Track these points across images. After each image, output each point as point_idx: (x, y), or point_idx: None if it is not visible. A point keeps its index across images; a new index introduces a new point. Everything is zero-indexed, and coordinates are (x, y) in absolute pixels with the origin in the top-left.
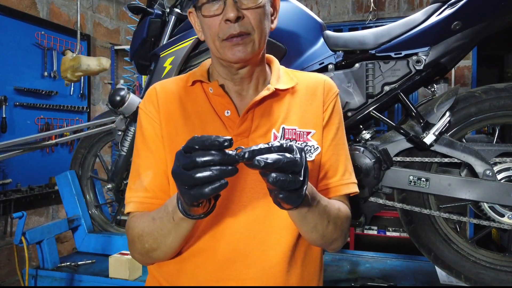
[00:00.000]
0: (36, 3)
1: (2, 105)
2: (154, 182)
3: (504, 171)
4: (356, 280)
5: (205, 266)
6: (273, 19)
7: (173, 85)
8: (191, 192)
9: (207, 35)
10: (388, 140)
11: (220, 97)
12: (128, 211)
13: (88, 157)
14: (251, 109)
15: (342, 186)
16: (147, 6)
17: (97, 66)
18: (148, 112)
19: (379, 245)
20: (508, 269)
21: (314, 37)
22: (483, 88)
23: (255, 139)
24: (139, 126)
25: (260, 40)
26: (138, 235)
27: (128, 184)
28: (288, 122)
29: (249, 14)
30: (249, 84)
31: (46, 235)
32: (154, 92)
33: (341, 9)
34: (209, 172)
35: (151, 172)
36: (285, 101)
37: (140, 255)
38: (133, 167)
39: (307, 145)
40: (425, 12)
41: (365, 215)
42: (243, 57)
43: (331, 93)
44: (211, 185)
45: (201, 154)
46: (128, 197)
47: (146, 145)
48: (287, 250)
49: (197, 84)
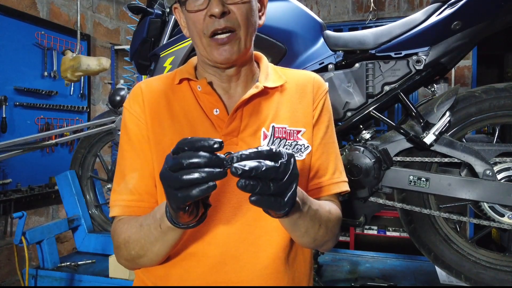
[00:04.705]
0: (36, 3)
1: (2, 105)
2: (140, 185)
3: (504, 171)
4: (356, 280)
5: (195, 270)
6: (260, 15)
7: (159, 83)
8: (177, 194)
9: (192, 31)
10: (388, 140)
11: (209, 95)
12: (113, 215)
13: (88, 157)
14: (239, 108)
15: (333, 185)
16: (147, 6)
17: (97, 66)
18: (134, 112)
19: (379, 245)
20: (508, 269)
21: (314, 37)
22: (483, 88)
23: (245, 138)
24: (124, 126)
25: (246, 37)
26: (124, 242)
27: (113, 187)
28: (278, 120)
29: (235, 9)
30: (237, 82)
31: (46, 235)
32: (140, 90)
33: (341, 9)
34: (196, 174)
35: (137, 174)
36: (274, 99)
37: (126, 261)
38: (118, 169)
39: (297, 144)
40: (425, 12)
41: (365, 215)
42: (230, 57)
43: (321, 90)
44: (199, 187)
45: (188, 155)
46: (113, 200)
47: (131, 146)
48: (278, 251)
49: (184, 82)
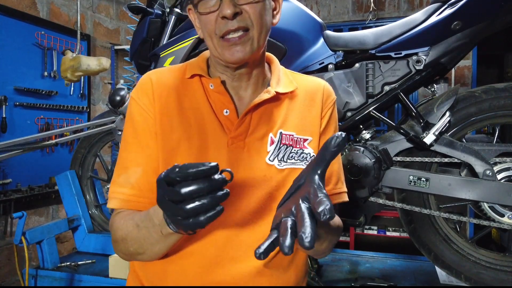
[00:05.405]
0: (36, 3)
1: (2, 105)
2: (142, 181)
3: (504, 171)
4: (356, 280)
5: (192, 269)
6: (275, 14)
7: (170, 75)
8: (186, 222)
9: (204, 32)
10: (388, 140)
11: (221, 94)
12: (112, 207)
13: (88, 157)
14: (249, 112)
15: (335, 196)
16: (147, 6)
17: (97, 66)
18: (142, 104)
19: (379, 245)
20: (508, 269)
21: (314, 37)
22: (483, 88)
23: (251, 142)
24: (130, 117)
25: (259, 37)
26: (122, 238)
27: (113, 178)
28: (286, 127)
29: (248, 8)
30: (248, 82)
31: (46, 235)
32: (150, 82)
33: (341, 9)
34: (200, 202)
35: (141, 169)
36: (284, 105)
37: (124, 255)
38: (120, 161)
39: (303, 152)
40: (425, 12)
41: (365, 215)
42: (242, 57)
43: (330, 99)
44: (207, 214)
45: (186, 184)
46: (112, 191)
47: (136, 139)
48: (273, 256)
49: (195, 78)
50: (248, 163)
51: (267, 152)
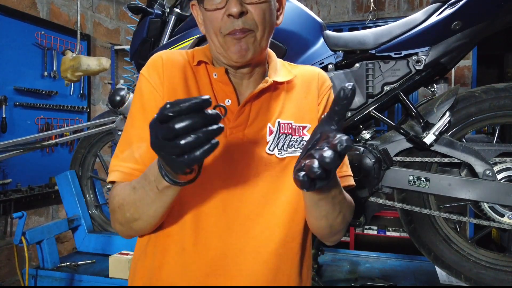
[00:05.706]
0: (36, 3)
1: (2, 105)
2: (147, 156)
3: (504, 171)
4: (356, 280)
5: (195, 261)
6: (278, 15)
7: (179, 58)
8: (181, 160)
9: (209, 29)
10: (388, 140)
11: (224, 84)
12: (112, 179)
13: (88, 157)
14: (248, 102)
15: (341, 179)
16: (147, 6)
17: (97, 66)
18: (152, 82)
19: (379, 245)
20: (508, 269)
21: (314, 37)
22: (483, 88)
23: (250, 133)
24: (139, 94)
25: (262, 38)
26: (119, 204)
27: (115, 152)
28: (284, 116)
29: (252, 9)
30: (249, 80)
31: (46, 235)
32: (160, 61)
33: (341, 9)
34: (195, 135)
35: (145, 144)
36: (281, 95)
37: (120, 225)
38: (124, 135)
39: (303, 140)
40: (425, 12)
41: (365, 215)
42: (246, 54)
43: (325, 85)
44: (202, 148)
45: (180, 119)
46: (113, 165)
47: (143, 115)
48: (278, 247)
49: (202, 65)
50: (248, 154)
51: (267, 142)
